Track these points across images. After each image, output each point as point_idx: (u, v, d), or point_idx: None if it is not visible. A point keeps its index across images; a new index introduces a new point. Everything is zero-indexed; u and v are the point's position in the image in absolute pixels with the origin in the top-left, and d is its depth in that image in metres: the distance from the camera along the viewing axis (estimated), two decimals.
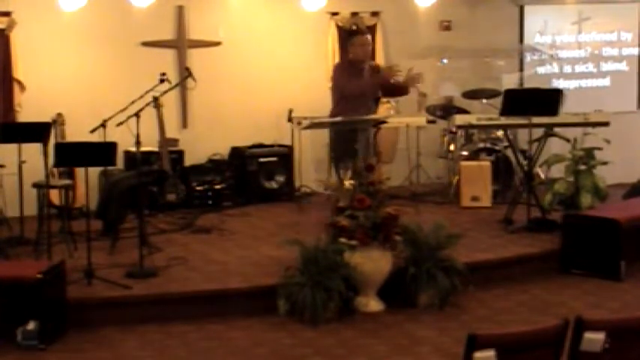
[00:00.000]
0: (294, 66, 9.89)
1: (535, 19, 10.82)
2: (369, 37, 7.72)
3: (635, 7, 11.01)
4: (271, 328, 6.08)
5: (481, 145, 9.41)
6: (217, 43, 9.67)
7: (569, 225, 7.42)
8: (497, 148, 9.34)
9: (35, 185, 7.55)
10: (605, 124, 8.58)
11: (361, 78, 7.37)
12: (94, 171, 8.52)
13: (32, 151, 7.40)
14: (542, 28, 10.79)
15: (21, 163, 7.40)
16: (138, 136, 6.83)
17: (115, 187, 7.86)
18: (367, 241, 6.33)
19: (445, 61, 10.46)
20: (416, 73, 7.51)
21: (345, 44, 10.15)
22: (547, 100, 7.93)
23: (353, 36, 7.64)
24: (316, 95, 9.27)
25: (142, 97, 7.14)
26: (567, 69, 10.97)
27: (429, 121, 9.71)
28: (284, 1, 9.94)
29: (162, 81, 7.61)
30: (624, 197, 8.81)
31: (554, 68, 10.93)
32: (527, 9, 10.81)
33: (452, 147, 9.72)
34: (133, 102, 7.00)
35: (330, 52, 10.15)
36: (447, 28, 10.64)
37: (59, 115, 8.72)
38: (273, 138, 9.69)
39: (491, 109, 9.35)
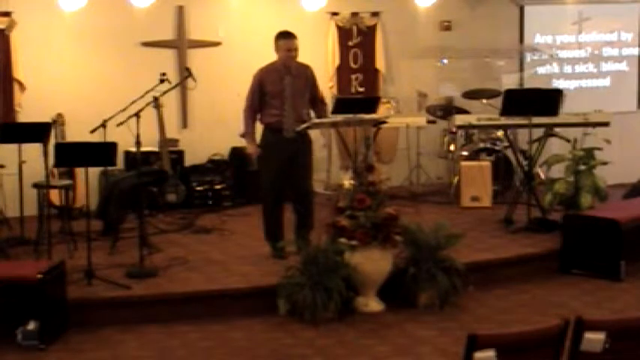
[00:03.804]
0: None
1: (535, 19, 10.82)
2: (295, 41, 7.06)
3: (635, 7, 11.02)
4: (271, 328, 6.09)
5: (481, 145, 9.40)
6: (217, 43, 9.67)
7: (569, 225, 7.42)
8: (497, 148, 9.33)
9: (35, 185, 7.55)
10: (605, 124, 8.58)
11: (282, 84, 7.03)
12: (94, 171, 8.53)
13: (32, 151, 7.41)
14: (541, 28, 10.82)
15: (21, 163, 7.40)
16: (138, 136, 6.83)
17: (115, 187, 7.86)
18: (367, 241, 6.33)
19: (445, 61, 10.47)
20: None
21: (343, 44, 10.28)
22: (547, 100, 7.93)
23: (279, 39, 7.09)
24: None
25: (142, 97, 7.14)
26: (567, 69, 10.98)
27: (429, 121, 9.72)
28: (284, 1, 9.94)
29: (162, 81, 7.61)
30: (624, 197, 8.81)
31: (554, 68, 10.94)
32: (527, 9, 10.81)
33: (452, 147, 9.71)
34: (133, 102, 7.00)
35: (330, 52, 10.16)
36: (447, 28, 10.64)
37: (59, 115, 8.72)
38: None
39: (491, 109, 9.35)
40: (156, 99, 7.52)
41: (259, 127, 7.28)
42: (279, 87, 7.04)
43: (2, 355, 5.61)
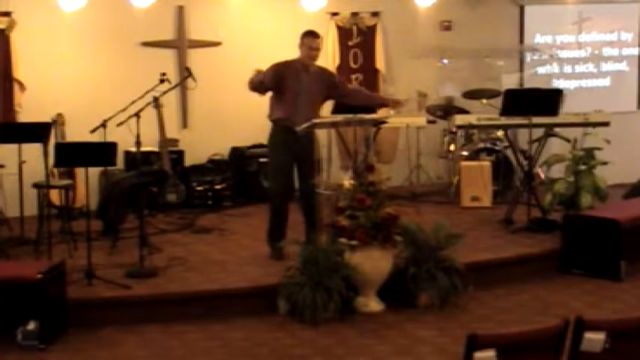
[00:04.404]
0: None
1: (535, 19, 10.82)
2: (319, 40, 7.12)
3: (635, 7, 11.02)
4: (271, 328, 6.09)
5: (481, 145, 9.40)
6: (217, 43, 9.67)
7: (569, 225, 7.42)
8: (497, 148, 9.34)
9: (35, 185, 7.55)
10: (605, 124, 8.59)
11: (298, 81, 7.02)
12: (94, 171, 8.53)
13: (32, 151, 7.41)
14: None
15: (21, 163, 7.40)
16: (138, 136, 6.84)
17: (115, 187, 7.86)
18: (367, 241, 6.33)
19: (445, 61, 10.46)
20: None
21: (343, 44, 10.29)
22: (547, 100, 7.94)
23: (304, 36, 7.10)
24: None
25: (142, 97, 7.15)
26: (567, 69, 10.98)
27: (429, 121, 9.72)
28: (284, 1, 9.94)
29: (162, 81, 7.62)
30: (624, 197, 8.82)
31: (554, 68, 10.93)
32: (527, 9, 10.81)
33: (452, 147, 9.72)
34: (133, 102, 7.00)
35: (330, 52, 10.15)
36: (447, 28, 10.64)
37: (59, 115, 8.72)
38: None
39: (491, 109, 9.35)
40: (156, 99, 7.52)
41: (268, 124, 7.25)
42: (295, 83, 7.03)
43: (2, 355, 5.61)
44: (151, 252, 7.09)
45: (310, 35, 7.11)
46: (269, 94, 7.17)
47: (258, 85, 7.10)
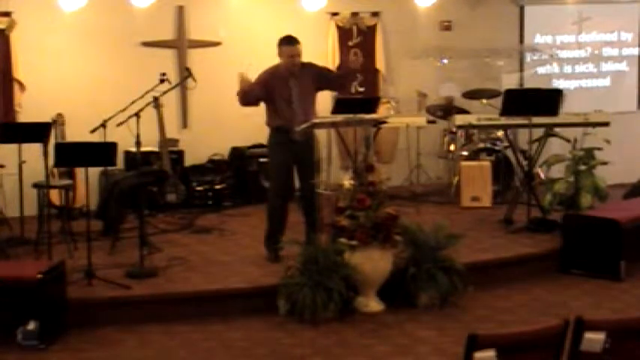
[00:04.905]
0: None
1: (535, 19, 10.83)
2: (297, 47, 7.03)
3: (635, 7, 11.02)
4: (271, 328, 6.09)
5: (481, 145, 9.41)
6: (217, 43, 9.67)
7: (569, 225, 7.42)
8: (497, 148, 9.34)
9: (35, 185, 7.55)
10: (605, 124, 8.59)
11: (287, 88, 7.00)
12: (94, 171, 8.53)
13: (32, 151, 7.41)
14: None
15: (21, 163, 7.40)
16: (138, 136, 6.84)
17: (115, 187, 7.86)
18: (367, 241, 6.33)
19: (445, 61, 10.46)
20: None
21: (343, 44, 10.28)
22: (547, 100, 7.94)
23: (282, 45, 7.06)
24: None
25: (142, 97, 7.15)
26: (567, 69, 10.98)
27: (429, 121, 9.71)
28: (284, 1, 9.94)
29: (162, 81, 7.62)
30: (624, 197, 8.82)
31: (555, 68, 10.93)
32: (527, 9, 10.81)
33: (452, 147, 9.72)
34: (133, 102, 7.00)
35: (330, 52, 10.15)
36: (447, 28, 10.64)
37: (59, 115, 8.72)
38: None
39: (491, 109, 9.35)
40: (156, 99, 7.52)
41: (266, 129, 7.25)
42: (285, 91, 7.01)
43: (2, 355, 5.61)
44: (151, 252, 7.09)
45: (288, 43, 7.04)
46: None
47: (252, 98, 7.09)
